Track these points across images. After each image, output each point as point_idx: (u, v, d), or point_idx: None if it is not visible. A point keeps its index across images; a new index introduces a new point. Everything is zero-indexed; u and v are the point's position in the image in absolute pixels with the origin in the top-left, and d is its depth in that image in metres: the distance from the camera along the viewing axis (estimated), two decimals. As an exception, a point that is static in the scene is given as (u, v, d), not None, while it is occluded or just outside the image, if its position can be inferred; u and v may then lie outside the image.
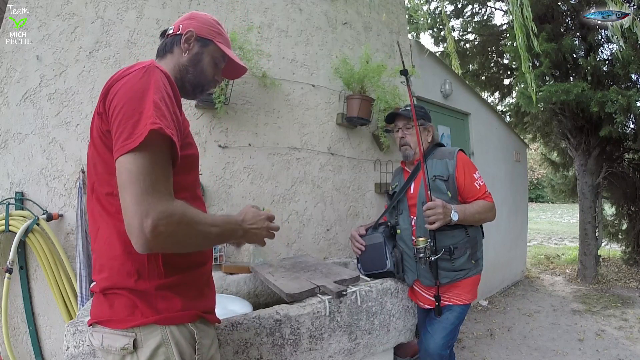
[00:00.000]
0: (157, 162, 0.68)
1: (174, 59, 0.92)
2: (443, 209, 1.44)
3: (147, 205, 0.64)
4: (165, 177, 0.70)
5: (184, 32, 0.91)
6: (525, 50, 2.38)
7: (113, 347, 0.73)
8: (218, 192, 1.96)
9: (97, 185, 0.79)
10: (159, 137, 0.68)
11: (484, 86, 6.50)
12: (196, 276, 0.83)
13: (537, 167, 17.08)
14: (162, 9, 1.90)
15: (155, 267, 0.75)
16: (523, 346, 2.85)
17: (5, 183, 1.59)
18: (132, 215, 0.64)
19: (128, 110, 0.68)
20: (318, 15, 2.48)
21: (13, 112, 1.60)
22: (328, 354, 1.39)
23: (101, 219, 0.78)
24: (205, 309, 0.83)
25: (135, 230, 0.64)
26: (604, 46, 4.59)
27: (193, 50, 0.93)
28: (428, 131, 1.73)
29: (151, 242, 0.64)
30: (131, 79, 0.72)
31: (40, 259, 1.53)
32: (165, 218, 0.65)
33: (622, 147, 5.03)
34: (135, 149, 0.66)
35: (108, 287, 0.76)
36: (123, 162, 0.66)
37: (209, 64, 0.95)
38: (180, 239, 0.70)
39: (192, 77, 0.93)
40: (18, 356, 1.54)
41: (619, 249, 5.65)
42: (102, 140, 0.75)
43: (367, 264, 1.74)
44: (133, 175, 0.65)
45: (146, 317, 0.73)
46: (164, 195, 0.67)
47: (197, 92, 0.97)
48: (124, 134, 0.67)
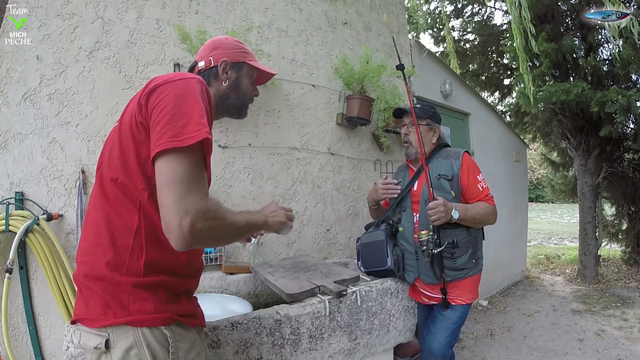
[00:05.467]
0: (199, 167, 0.73)
1: (213, 90, 0.97)
2: (444, 206, 1.44)
3: (187, 204, 0.67)
4: (204, 179, 0.74)
5: (219, 64, 0.96)
6: (523, 51, 2.38)
7: (88, 345, 0.74)
8: (218, 192, 1.96)
9: (104, 167, 0.80)
10: (203, 145, 0.73)
11: (484, 86, 6.50)
12: (176, 283, 0.82)
13: (537, 167, 17.08)
14: (162, 9, 1.90)
15: (135, 264, 0.75)
16: (523, 346, 2.85)
17: (5, 183, 1.59)
18: (172, 213, 0.67)
19: (178, 112, 0.72)
20: (318, 15, 2.48)
21: (13, 112, 1.60)
22: (328, 354, 1.39)
23: (98, 203, 0.79)
24: (181, 312, 0.81)
25: (175, 228, 0.66)
26: (604, 46, 4.59)
27: (232, 78, 0.99)
28: (434, 132, 1.71)
29: (189, 239, 0.67)
30: (181, 84, 0.77)
31: (40, 259, 1.53)
32: (203, 216, 0.69)
33: (622, 147, 5.03)
34: (182, 149, 0.69)
35: (85, 274, 0.76)
36: (167, 160, 0.70)
37: (247, 84, 1.03)
38: (216, 233, 0.74)
39: (235, 101, 1.01)
40: (18, 356, 1.54)
41: (619, 249, 5.65)
42: (131, 129, 0.77)
43: (367, 261, 1.74)
44: (178, 175, 0.69)
45: (117, 317, 0.73)
46: (203, 195, 0.71)
47: (242, 112, 1.05)
48: (171, 132, 0.70)
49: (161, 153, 0.70)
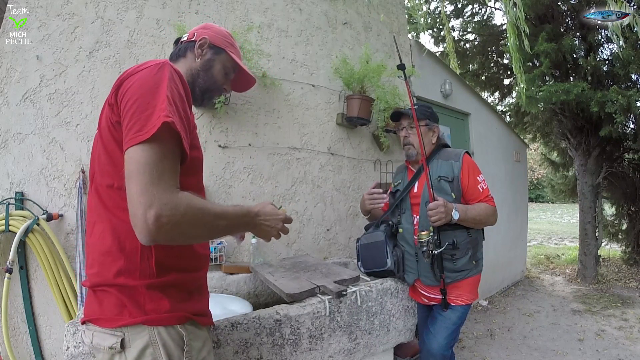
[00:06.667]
0: (166, 155, 0.69)
1: (187, 64, 0.95)
2: (445, 207, 1.44)
3: (152, 196, 0.64)
4: (173, 170, 0.70)
5: (198, 39, 0.95)
6: (517, 51, 2.39)
7: (102, 345, 0.73)
8: (218, 192, 1.96)
9: (97, 176, 0.79)
10: (169, 131, 0.69)
11: (484, 86, 6.50)
12: (188, 280, 0.83)
13: (537, 167, 17.07)
14: (162, 9, 1.90)
15: (147, 266, 0.75)
16: (523, 346, 2.85)
17: (5, 183, 1.59)
18: (136, 205, 0.64)
19: (142, 104, 0.69)
20: (318, 15, 2.48)
21: (13, 112, 1.60)
22: (328, 354, 1.39)
23: (97, 213, 0.78)
24: (195, 311, 0.82)
25: (138, 221, 0.64)
26: (604, 46, 4.59)
27: (206, 57, 0.96)
28: (433, 132, 1.71)
29: (154, 233, 0.64)
30: (146, 73, 0.73)
31: (40, 259, 1.53)
32: (169, 209, 0.65)
33: (622, 147, 5.03)
34: (146, 141, 0.66)
35: (98, 284, 0.76)
36: (132, 153, 0.67)
37: (219, 71, 0.98)
38: (186, 230, 0.69)
39: (202, 82, 0.96)
40: (18, 356, 1.54)
41: (619, 249, 5.65)
42: (110, 131, 0.75)
43: (367, 262, 1.74)
44: (141, 166, 0.65)
45: (134, 317, 0.72)
46: (169, 187, 0.67)
47: (205, 98, 1.00)
48: (136, 126, 0.67)
49: (128, 149, 0.67)
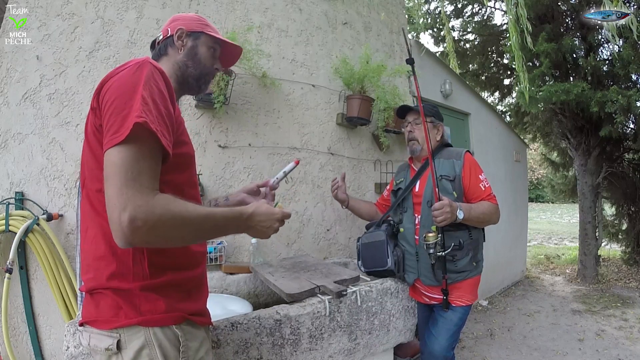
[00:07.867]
0: (142, 156, 0.67)
1: (171, 59, 0.95)
2: (450, 207, 1.43)
3: (126, 198, 0.63)
4: (150, 171, 0.69)
5: (175, 32, 0.94)
6: (519, 49, 2.38)
7: (98, 347, 0.74)
8: (218, 192, 1.96)
9: (87, 182, 0.79)
10: (144, 131, 0.67)
11: (484, 86, 6.50)
12: (185, 278, 0.82)
13: (537, 167, 17.08)
14: (162, 9, 1.90)
15: (140, 268, 0.75)
16: (523, 346, 2.85)
17: (5, 183, 1.59)
18: (112, 208, 0.63)
19: (119, 105, 0.69)
20: (318, 15, 2.48)
21: (13, 112, 1.60)
22: (328, 354, 1.39)
23: (89, 218, 0.78)
24: (192, 311, 0.81)
25: (113, 224, 0.63)
26: (604, 46, 4.59)
27: (187, 45, 0.95)
28: (438, 130, 1.73)
29: (129, 236, 0.63)
30: (124, 74, 0.73)
31: (40, 259, 1.53)
32: (144, 212, 0.63)
33: (622, 147, 5.03)
34: (121, 143, 0.66)
35: (93, 288, 0.76)
36: (109, 155, 0.67)
37: (206, 53, 0.97)
38: (164, 233, 0.67)
39: (193, 71, 0.95)
40: (18, 356, 1.54)
41: (619, 249, 5.65)
42: (95, 136, 0.75)
43: (367, 261, 1.74)
44: (116, 168, 0.65)
45: (129, 318, 0.73)
46: (144, 189, 0.66)
47: (201, 85, 0.99)
48: (113, 128, 0.67)
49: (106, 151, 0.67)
